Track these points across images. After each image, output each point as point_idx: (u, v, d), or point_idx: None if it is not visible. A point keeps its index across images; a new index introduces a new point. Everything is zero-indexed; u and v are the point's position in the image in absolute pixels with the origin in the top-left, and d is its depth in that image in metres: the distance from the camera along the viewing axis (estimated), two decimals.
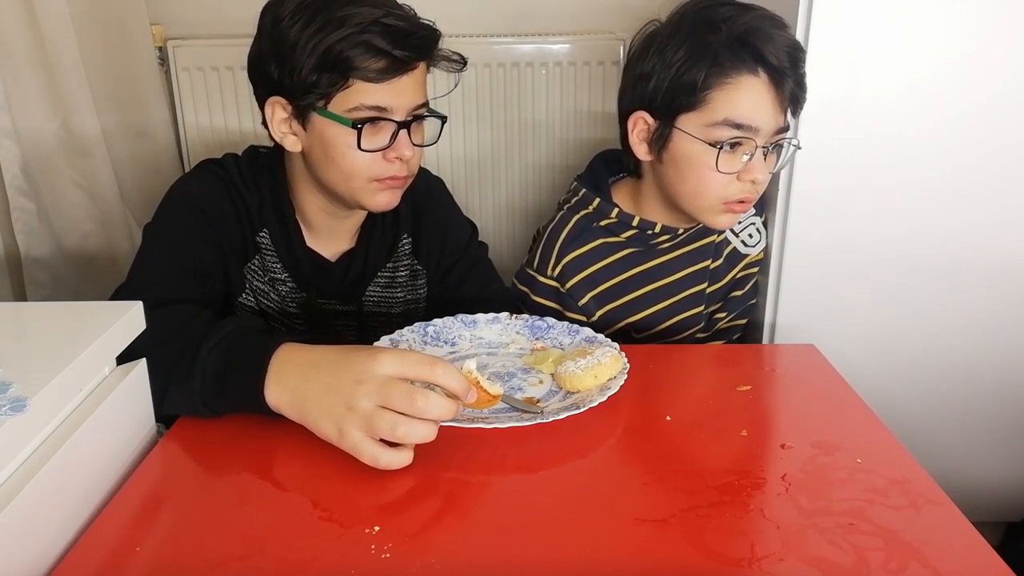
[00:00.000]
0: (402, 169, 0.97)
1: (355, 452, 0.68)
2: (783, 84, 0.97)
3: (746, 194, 1.01)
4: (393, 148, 0.94)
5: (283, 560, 0.58)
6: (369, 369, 0.68)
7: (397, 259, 1.11)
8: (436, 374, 0.68)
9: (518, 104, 1.66)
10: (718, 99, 0.98)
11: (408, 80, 0.94)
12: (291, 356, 0.73)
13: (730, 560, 0.58)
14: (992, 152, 1.15)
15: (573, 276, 1.09)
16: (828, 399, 0.85)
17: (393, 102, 0.93)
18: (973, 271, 1.20)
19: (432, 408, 0.66)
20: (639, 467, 0.71)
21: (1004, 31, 1.09)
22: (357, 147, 0.93)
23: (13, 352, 0.65)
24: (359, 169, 0.95)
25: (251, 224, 1.03)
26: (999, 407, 1.29)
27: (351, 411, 0.67)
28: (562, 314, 1.09)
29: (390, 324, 1.10)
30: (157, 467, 0.72)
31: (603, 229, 1.11)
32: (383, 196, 0.98)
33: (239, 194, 1.02)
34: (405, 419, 0.66)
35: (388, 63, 0.91)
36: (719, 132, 0.98)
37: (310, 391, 0.70)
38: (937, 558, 0.58)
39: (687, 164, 1.01)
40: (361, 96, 0.92)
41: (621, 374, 0.83)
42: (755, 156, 0.99)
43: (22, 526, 0.56)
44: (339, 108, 0.92)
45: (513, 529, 0.62)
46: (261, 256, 1.04)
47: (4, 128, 1.39)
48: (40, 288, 1.48)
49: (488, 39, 1.63)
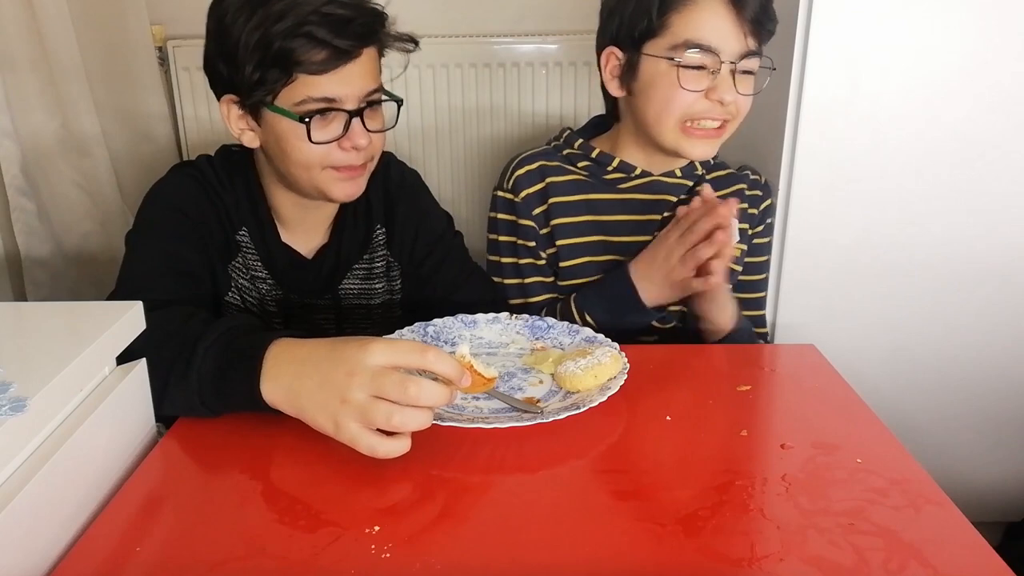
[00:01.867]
0: (359, 157, 0.96)
1: (353, 443, 0.68)
2: (744, 6, 0.97)
3: (716, 113, 1.01)
4: (347, 138, 0.93)
5: (283, 560, 0.58)
6: (361, 360, 0.67)
7: (373, 250, 1.10)
8: (428, 360, 0.67)
9: (518, 104, 1.67)
10: (677, 22, 0.98)
11: (355, 68, 0.92)
12: (284, 353, 0.73)
13: (730, 560, 0.58)
14: (992, 152, 1.15)
15: (524, 188, 1.11)
16: (828, 399, 0.85)
17: (341, 91, 0.92)
18: (973, 271, 1.21)
19: (425, 395, 0.66)
20: (639, 467, 0.71)
21: (1005, 31, 1.09)
22: (308, 140, 0.92)
23: (13, 352, 0.65)
24: (314, 160, 0.94)
25: (230, 223, 1.03)
26: (999, 407, 1.29)
27: (346, 404, 0.67)
28: (516, 223, 1.12)
29: (370, 316, 1.11)
30: (157, 467, 0.72)
31: (563, 156, 1.14)
32: (344, 186, 0.98)
33: (216, 194, 1.02)
34: (400, 408, 0.66)
35: (329, 53, 0.89)
36: (682, 55, 0.98)
37: (304, 386, 0.70)
38: (937, 558, 0.58)
39: (653, 86, 1.02)
40: (307, 89, 0.90)
41: (621, 374, 0.83)
42: (721, 73, 0.98)
43: (22, 526, 0.56)
44: (287, 102, 0.91)
45: (513, 529, 0.62)
46: (243, 255, 1.05)
47: (4, 128, 1.39)
48: (40, 288, 1.48)
49: (489, 39, 1.64)
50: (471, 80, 1.64)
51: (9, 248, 1.45)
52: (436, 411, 0.77)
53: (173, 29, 1.65)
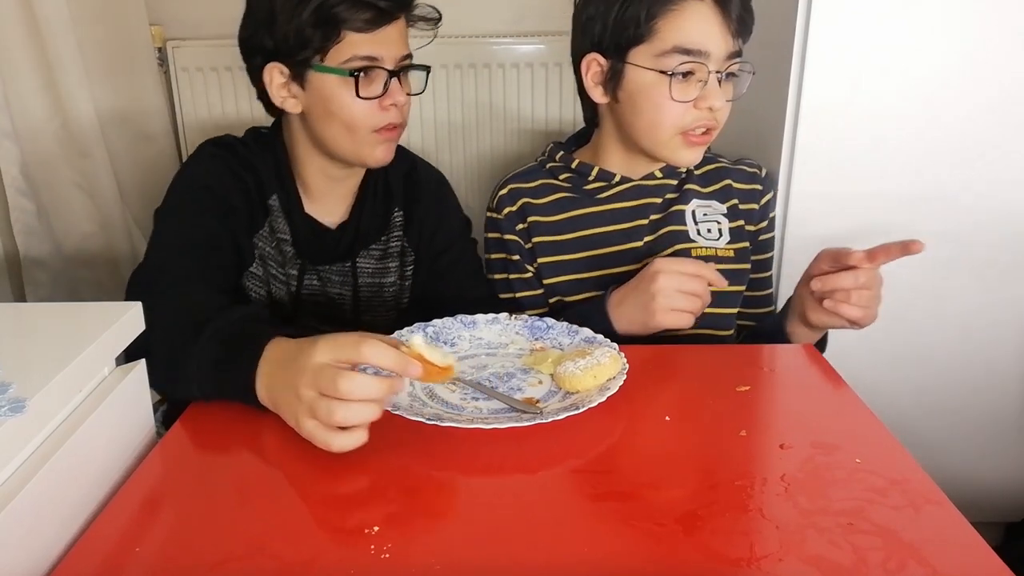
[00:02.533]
0: (397, 116, 1.03)
1: (311, 439, 0.70)
2: (729, 6, 0.97)
3: (704, 122, 1.01)
4: (388, 95, 1.00)
5: (283, 560, 0.59)
6: (308, 358, 0.70)
7: (390, 231, 1.15)
8: (362, 354, 0.68)
9: (517, 104, 1.67)
10: (665, 27, 0.98)
11: (393, 31, 1.00)
12: (269, 354, 0.76)
13: (729, 560, 0.58)
14: (992, 151, 1.15)
15: (506, 206, 1.14)
16: (827, 399, 0.85)
17: (383, 52, 0.99)
18: (973, 271, 1.21)
19: (358, 389, 0.67)
20: (638, 467, 0.71)
21: (1004, 31, 1.09)
22: (356, 95, 0.98)
23: (12, 352, 0.65)
24: (358, 119, 1.00)
25: (260, 191, 1.07)
26: (999, 407, 1.29)
27: (300, 401, 0.70)
28: (502, 240, 1.14)
29: (382, 295, 1.14)
30: (157, 467, 0.72)
31: (546, 171, 1.16)
32: (381, 149, 1.04)
33: (244, 165, 1.07)
34: (341, 403, 0.67)
35: (374, 14, 0.97)
36: (670, 60, 0.98)
37: (275, 386, 0.74)
38: (936, 558, 0.58)
39: (642, 96, 1.02)
40: (353, 48, 0.97)
41: (620, 374, 0.83)
42: (710, 82, 0.99)
43: (22, 526, 0.56)
44: (334, 61, 0.98)
45: (512, 529, 0.62)
46: (272, 220, 1.08)
47: (4, 128, 1.39)
48: (40, 288, 1.48)
49: (488, 39, 1.64)
50: (470, 80, 1.64)
51: (9, 248, 1.45)
52: (435, 411, 0.78)
53: (173, 30, 1.65)
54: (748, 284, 1.13)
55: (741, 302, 1.14)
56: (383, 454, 0.74)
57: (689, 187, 1.11)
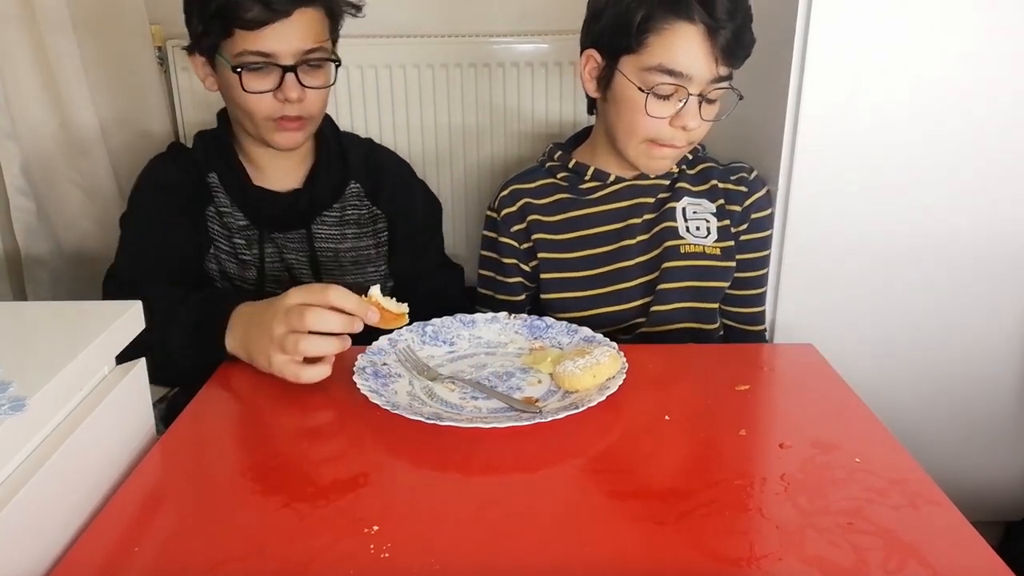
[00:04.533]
0: (294, 110, 1.05)
1: (281, 373, 0.82)
2: (718, 35, 0.98)
3: (676, 140, 1.04)
4: (280, 90, 1.03)
5: (283, 560, 0.59)
6: (282, 303, 0.82)
7: (345, 200, 1.19)
8: (329, 298, 0.80)
9: (517, 104, 1.66)
10: (654, 44, 0.99)
11: (290, 27, 1.01)
12: (241, 310, 0.88)
13: (729, 560, 0.58)
14: (992, 152, 1.15)
15: (506, 208, 1.16)
16: (827, 399, 0.85)
17: (276, 47, 1.01)
18: (973, 271, 1.21)
19: (320, 322, 0.80)
20: (638, 467, 0.71)
21: (1005, 31, 1.09)
22: (242, 89, 1.03)
23: (13, 352, 0.65)
24: (252, 108, 1.05)
25: (198, 172, 1.14)
26: (998, 407, 1.29)
27: (271, 341, 0.82)
28: (495, 241, 1.16)
29: (338, 260, 1.19)
30: (156, 467, 0.72)
31: (546, 171, 1.18)
32: (282, 136, 1.08)
33: (182, 155, 1.17)
34: (305, 336, 0.80)
35: (260, 11, 0.99)
36: (653, 77, 1.00)
37: (249, 335, 0.86)
38: (936, 558, 0.58)
39: (624, 103, 1.04)
40: (244, 43, 1.01)
41: (620, 374, 0.83)
42: (688, 103, 1.01)
43: (22, 526, 0.56)
44: (228, 53, 1.03)
45: (512, 529, 0.62)
46: (214, 200, 1.14)
47: (4, 128, 1.39)
48: (40, 288, 1.48)
49: (488, 39, 1.63)
50: (470, 80, 1.64)
51: (9, 248, 1.45)
52: (435, 410, 0.78)
53: (173, 29, 1.64)
54: (733, 283, 1.16)
55: (729, 301, 1.18)
56: (383, 454, 0.74)
57: (681, 185, 1.14)
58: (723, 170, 1.16)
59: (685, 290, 1.12)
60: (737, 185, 1.15)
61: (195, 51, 1.07)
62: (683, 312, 1.12)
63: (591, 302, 1.13)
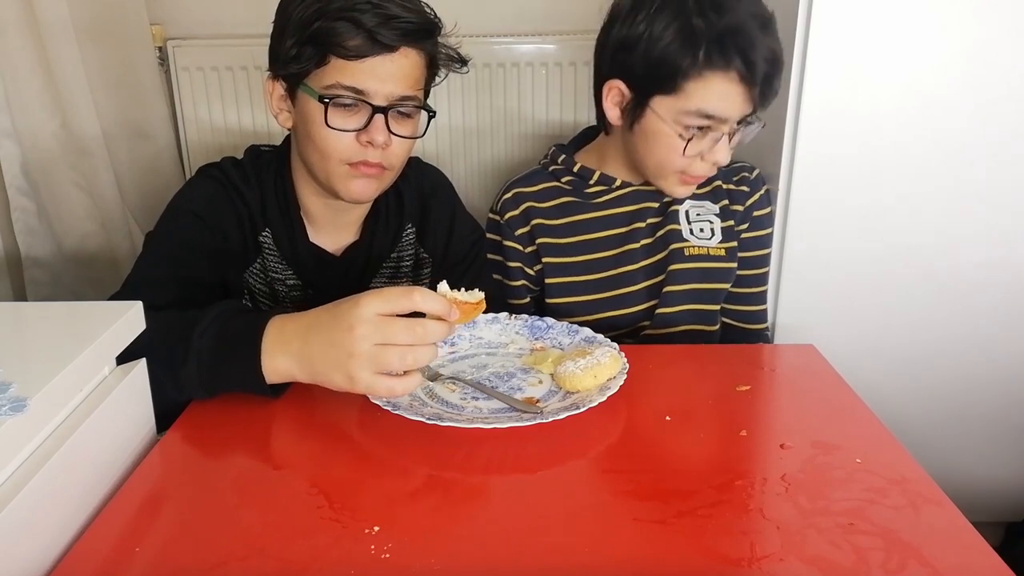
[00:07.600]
0: (376, 156, 0.96)
1: (370, 391, 0.74)
2: (754, 82, 1.00)
3: (706, 172, 1.07)
4: (365, 131, 0.94)
5: (283, 560, 0.58)
6: (357, 315, 0.72)
7: (401, 248, 1.11)
8: (416, 302, 0.73)
9: (518, 104, 1.66)
10: (693, 90, 1.01)
11: (390, 65, 0.93)
12: (286, 326, 0.78)
13: (730, 560, 0.58)
14: (992, 152, 1.15)
15: (509, 211, 1.16)
16: (827, 399, 0.85)
17: (371, 85, 0.93)
18: (973, 271, 1.21)
19: (432, 333, 0.73)
20: (638, 467, 0.71)
21: (1005, 31, 1.09)
22: (324, 123, 0.93)
23: (13, 352, 0.65)
24: (331, 149, 0.95)
25: (252, 225, 1.04)
26: (998, 407, 1.29)
27: (353, 357, 0.72)
28: (500, 244, 1.17)
29: None
30: (157, 467, 0.72)
31: (549, 174, 1.18)
32: (357, 184, 0.98)
33: (239, 195, 1.03)
34: (411, 348, 0.72)
35: (363, 42, 0.91)
36: (689, 119, 1.02)
37: (313, 352, 0.75)
38: (936, 558, 0.58)
39: (656, 141, 1.05)
40: (338, 74, 0.92)
41: (620, 374, 0.83)
42: (720, 142, 1.03)
43: (22, 526, 0.56)
44: (317, 84, 0.93)
45: (513, 529, 0.62)
46: (263, 258, 1.05)
47: (4, 128, 1.39)
48: (40, 288, 1.48)
49: (489, 39, 1.63)
50: (471, 80, 1.64)
51: (9, 248, 1.45)
52: (435, 410, 0.78)
53: (173, 29, 1.65)
54: (735, 281, 1.17)
55: (730, 300, 1.18)
56: (383, 454, 0.74)
57: None
58: (726, 171, 1.16)
59: (690, 292, 1.12)
60: (739, 185, 1.16)
61: (278, 77, 0.97)
62: (686, 314, 1.13)
63: (596, 306, 1.13)
